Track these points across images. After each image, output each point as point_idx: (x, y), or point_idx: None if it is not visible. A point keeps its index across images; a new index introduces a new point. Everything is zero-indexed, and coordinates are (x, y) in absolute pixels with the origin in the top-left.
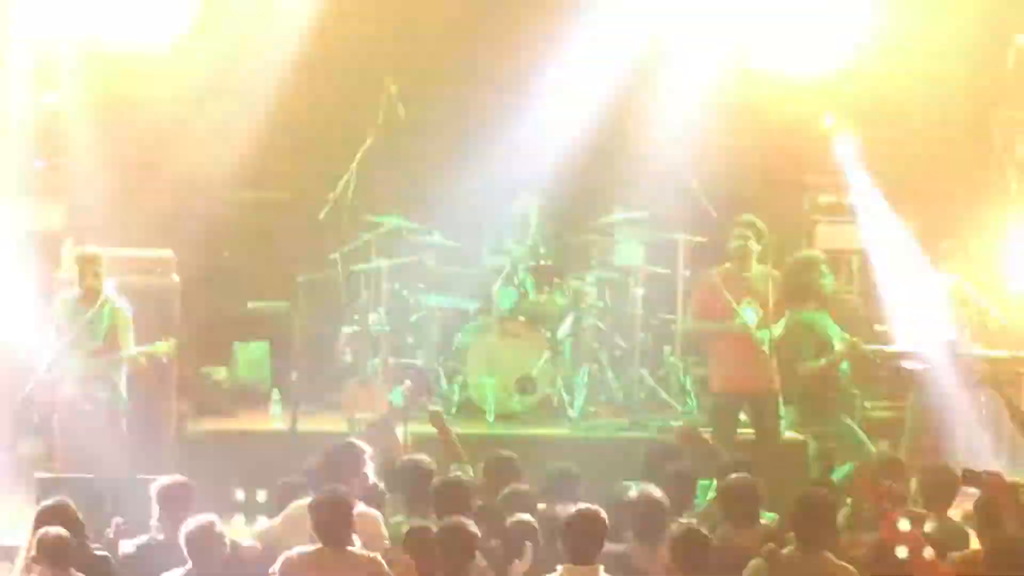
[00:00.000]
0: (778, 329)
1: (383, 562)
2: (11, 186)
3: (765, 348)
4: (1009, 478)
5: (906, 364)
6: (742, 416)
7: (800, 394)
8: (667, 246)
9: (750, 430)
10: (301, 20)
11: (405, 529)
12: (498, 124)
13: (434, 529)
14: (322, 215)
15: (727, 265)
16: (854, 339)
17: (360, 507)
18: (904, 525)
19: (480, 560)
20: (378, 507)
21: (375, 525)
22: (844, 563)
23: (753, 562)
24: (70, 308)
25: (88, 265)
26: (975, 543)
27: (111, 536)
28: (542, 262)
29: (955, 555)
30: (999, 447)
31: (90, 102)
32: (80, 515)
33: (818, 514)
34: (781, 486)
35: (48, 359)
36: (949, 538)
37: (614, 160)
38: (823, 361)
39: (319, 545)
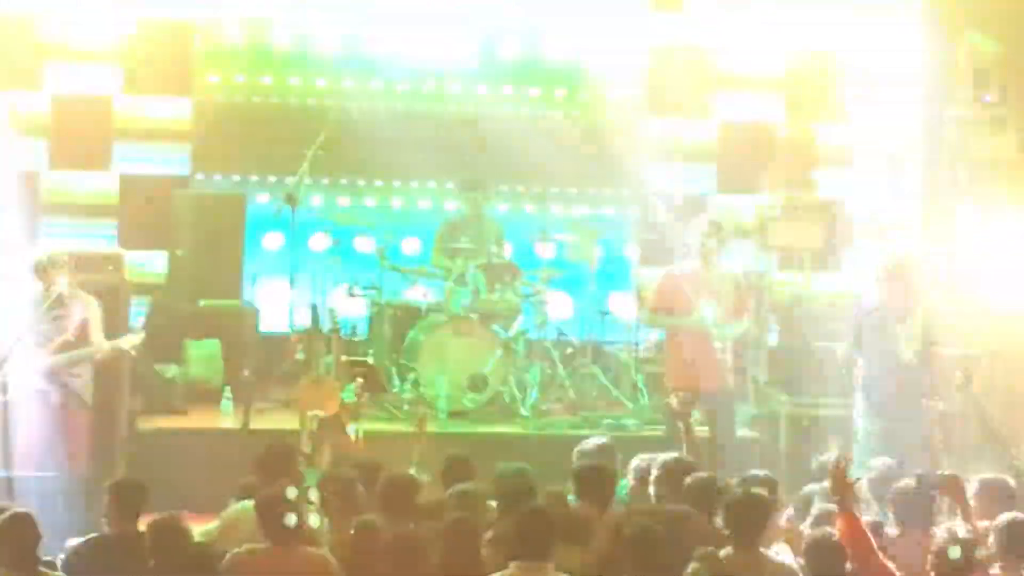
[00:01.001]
0: (738, 329)
1: (332, 559)
2: None
3: (721, 347)
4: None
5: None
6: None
7: None
8: (620, 244)
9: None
10: None
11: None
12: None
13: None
14: (275, 212)
15: (689, 262)
16: None
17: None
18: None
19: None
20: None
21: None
22: (781, 561)
23: (692, 567)
24: (35, 302)
25: (56, 267)
26: None
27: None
28: (494, 260)
29: None
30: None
31: None
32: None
33: (753, 514)
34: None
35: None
36: None
37: (569, 157)
38: None
39: (267, 544)
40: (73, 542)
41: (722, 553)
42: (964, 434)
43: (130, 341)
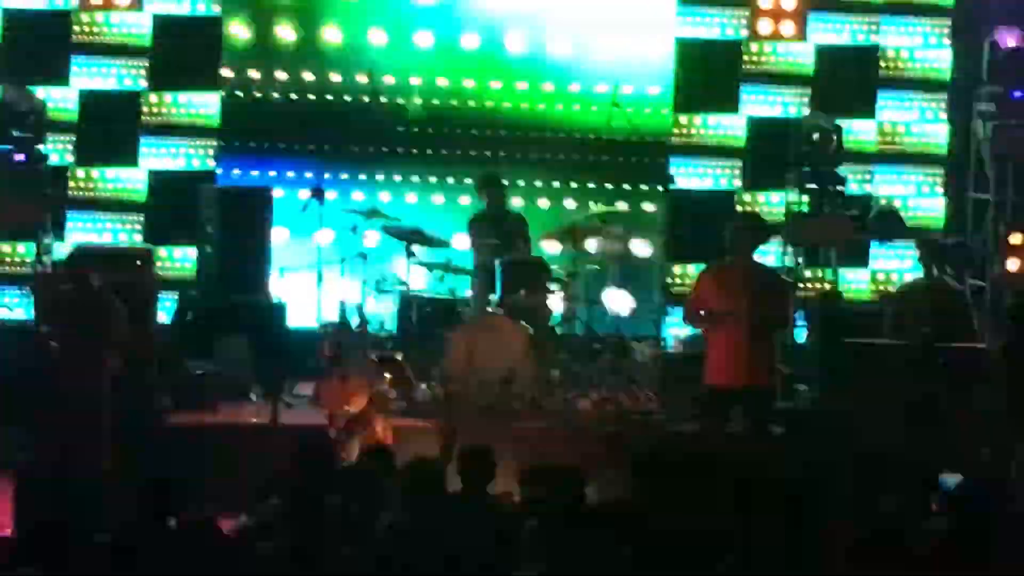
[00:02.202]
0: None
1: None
2: None
3: (756, 343)
4: None
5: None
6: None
7: None
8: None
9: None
10: None
11: None
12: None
13: None
14: (303, 208)
15: (726, 259)
16: None
17: None
18: None
19: None
20: None
21: None
22: None
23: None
24: (67, 299)
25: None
26: None
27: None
28: (522, 255)
29: None
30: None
31: None
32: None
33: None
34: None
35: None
36: None
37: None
38: None
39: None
40: (101, 539)
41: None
42: None
43: None
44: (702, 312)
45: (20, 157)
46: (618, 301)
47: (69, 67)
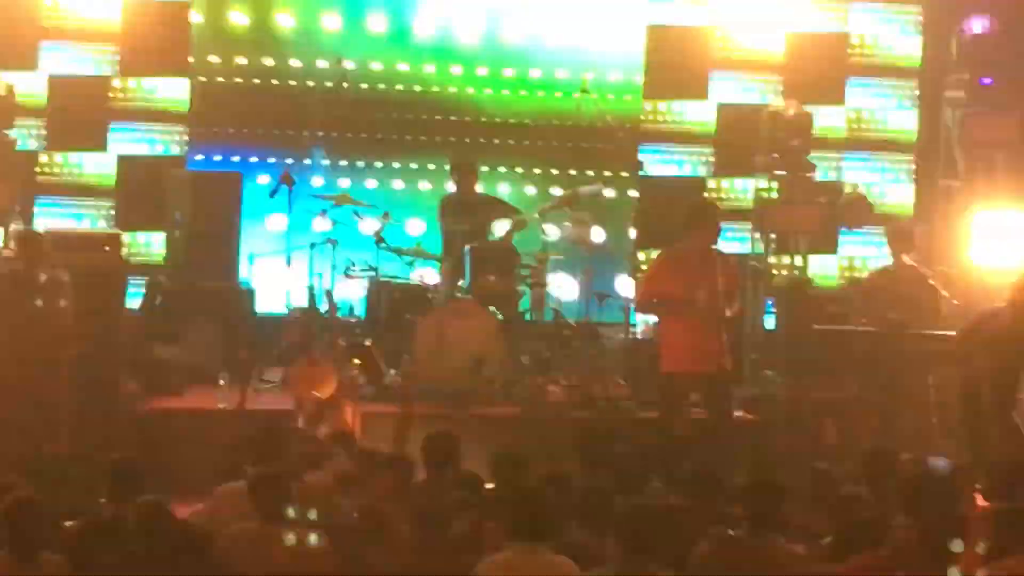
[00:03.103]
0: (731, 310)
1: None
2: None
3: (715, 328)
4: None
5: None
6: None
7: None
8: (617, 225)
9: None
10: None
11: None
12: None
13: None
14: (272, 195)
15: (682, 244)
16: None
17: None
18: None
19: None
20: None
21: None
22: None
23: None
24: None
25: (31, 244)
26: None
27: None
28: (491, 241)
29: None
30: (944, 430)
31: None
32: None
33: (770, 496)
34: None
35: None
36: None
37: (568, 139)
38: None
39: (259, 522)
40: (70, 524)
41: (733, 534)
42: None
43: None
44: (655, 300)
45: None
46: (563, 287)
47: (38, 52)
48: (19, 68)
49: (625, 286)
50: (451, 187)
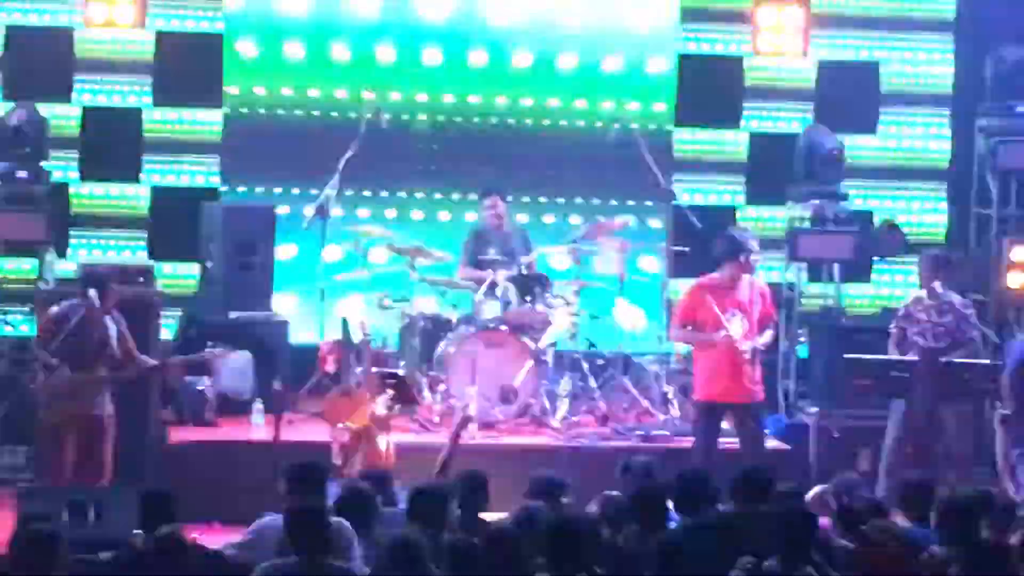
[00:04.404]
0: (764, 340)
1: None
2: None
3: (748, 357)
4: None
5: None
6: (725, 425)
7: None
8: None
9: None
10: None
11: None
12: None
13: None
14: (305, 225)
15: (715, 274)
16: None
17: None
18: None
19: None
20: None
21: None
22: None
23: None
24: (64, 316)
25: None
26: None
27: None
28: (523, 271)
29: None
30: (979, 457)
31: None
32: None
33: (802, 528)
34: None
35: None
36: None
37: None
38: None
39: (294, 558)
40: (105, 556)
41: (766, 565)
42: None
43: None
44: (689, 328)
45: (23, 174)
46: (630, 317)
47: (72, 84)
48: (53, 99)
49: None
50: (479, 216)
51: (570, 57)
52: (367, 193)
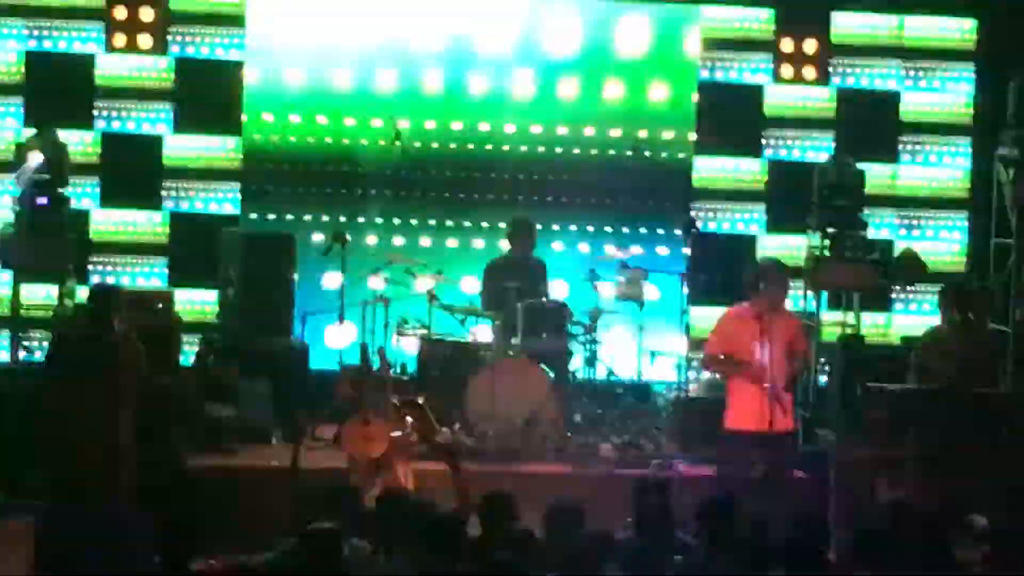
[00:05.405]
0: (793, 370)
1: None
2: None
3: (780, 387)
4: None
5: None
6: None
7: None
8: (669, 282)
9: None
10: None
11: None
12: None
13: None
14: (324, 252)
15: (746, 303)
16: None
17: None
18: None
19: None
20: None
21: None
22: None
23: None
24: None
25: (104, 298)
26: None
27: None
28: (543, 300)
29: None
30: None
31: None
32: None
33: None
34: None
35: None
36: None
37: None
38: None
39: None
40: None
41: None
42: None
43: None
44: (722, 356)
45: (43, 200)
46: (615, 344)
47: (92, 110)
48: (73, 126)
49: (677, 344)
50: (506, 245)
51: (574, 85)
52: (397, 221)
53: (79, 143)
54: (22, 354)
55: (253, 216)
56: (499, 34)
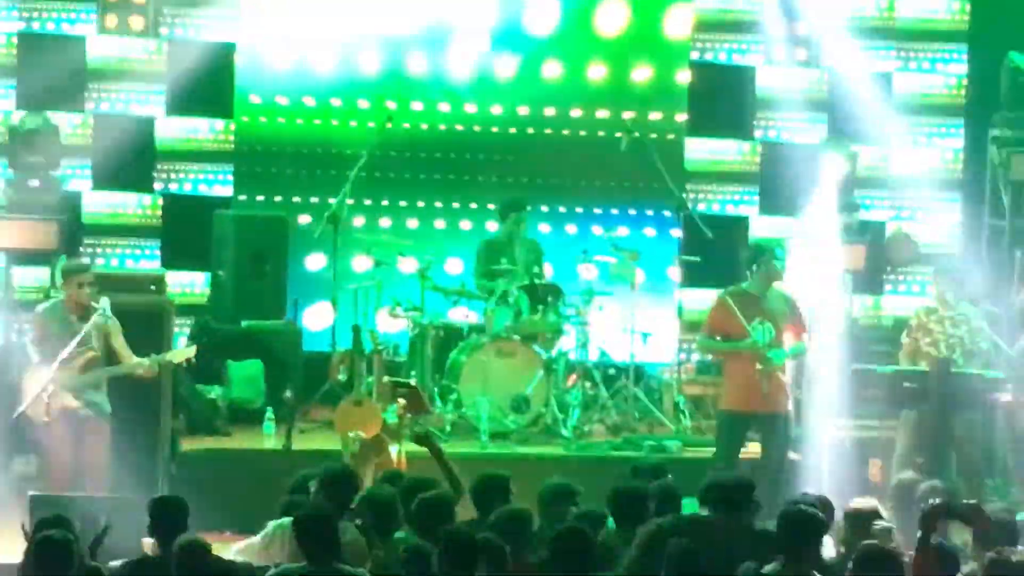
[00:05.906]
0: (797, 350)
1: None
2: None
3: (778, 368)
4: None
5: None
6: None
7: None
8: (662, 264)
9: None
10: None
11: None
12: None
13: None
14: (316, 233)
15: (742, 285)
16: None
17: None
18: None
19: None
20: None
21: (360, 545)
22: None
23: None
24: (58, 319)
25: (76, 277)
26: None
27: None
28: (535, 281)
29: None
30: (994, 467)
31: None
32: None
33: (806, 531)
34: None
35: (44, 373)
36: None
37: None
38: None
39: (303, 562)
40: (114, 564)
41: (767, 569)
42: None
43: (183, 354)
44: (718, 338)
45: (35, 182)
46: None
47: (84, 92)
48: (65, 108)
49: (669, 325)
50: (496, 227)
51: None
52: (386, 203)
53: (71, 125)
54: (14, 337)
55: (242, 198)
56: (478, 14)
